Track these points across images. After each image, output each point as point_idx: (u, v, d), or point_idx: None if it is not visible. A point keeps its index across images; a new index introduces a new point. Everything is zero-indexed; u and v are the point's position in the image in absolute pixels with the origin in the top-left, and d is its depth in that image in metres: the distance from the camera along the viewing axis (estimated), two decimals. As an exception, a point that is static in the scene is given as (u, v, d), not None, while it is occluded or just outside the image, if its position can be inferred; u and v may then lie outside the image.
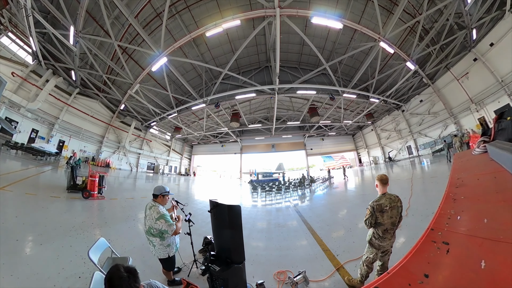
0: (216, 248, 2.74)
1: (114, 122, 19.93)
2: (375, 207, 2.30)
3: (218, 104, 15.13)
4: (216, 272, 2.28)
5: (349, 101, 17.99)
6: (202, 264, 2.93)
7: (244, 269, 2.47)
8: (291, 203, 9.21)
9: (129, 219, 5.66)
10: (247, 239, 4.76)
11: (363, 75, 14.62)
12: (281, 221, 6.18)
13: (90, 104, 17.72)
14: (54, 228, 3.84)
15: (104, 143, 19.46)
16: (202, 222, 6.33)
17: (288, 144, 29.01)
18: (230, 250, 2.44)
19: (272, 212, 7.83)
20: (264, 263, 3.47)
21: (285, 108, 20.44)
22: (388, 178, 2.43)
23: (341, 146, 29.34)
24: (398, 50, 11.97)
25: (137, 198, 8.68)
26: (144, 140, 24.37)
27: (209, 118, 21.02)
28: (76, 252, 3.10)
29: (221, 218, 2.54)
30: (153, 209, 2.44)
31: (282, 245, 4.19)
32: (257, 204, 9.91)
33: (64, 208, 5.23)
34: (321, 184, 14.24)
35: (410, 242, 3.15)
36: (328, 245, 3.81)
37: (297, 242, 4.30)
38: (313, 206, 7.85)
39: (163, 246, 2.48)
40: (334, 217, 5.78)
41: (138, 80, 13.75)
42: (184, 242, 3.58)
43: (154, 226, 2.37)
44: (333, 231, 4.61)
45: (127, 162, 22.49)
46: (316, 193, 11.39)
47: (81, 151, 17.36)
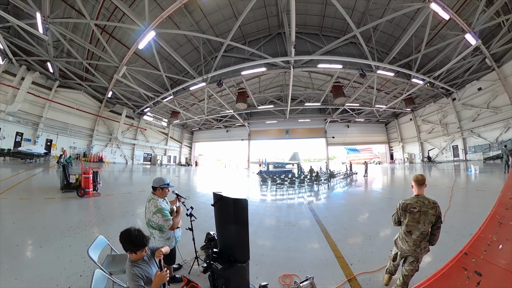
0: (219, 245, 2.99)
1: (102, 112, 20.79)
2: (402, 205, 2.54)
3: (221, 82, 15.03)
4: (218, 270, 2.53)
5: (384, 80, 17.11)
6: (203, 261, 3.25)
7: (247, 269, 2.71)
8: (305, 199, 9.45)
9: (127, 215, 6.23)
10: (253, 237, 5.10)
11: (405, 47, 13.55)
12: (292, 220, 6.44)
13: (73, 96, 18.45)
14: (52, 230, 4.38)
15: (95, 136, 20.58)
16: (204, 217, 6.74)
17: (305, 130, 28.70)
18: (234, 247, 2.67)
19: (283, 208, 8.12)
20: (270, 264, 3.75)
21: (303, 85, 19.86)
22: (425, 179, 2.53)
23: (369, 136, 28.54)
24: (455, 16, 10.55)
25: (134, 193, 9.35)
26: (138, 129, 25.34)
27: (210, 99, 21.12)
28: (75, 252, 3.59)
29: (225, 213, 2.74)
30: (151, 202, 2.71)
31: (291, 246, 4.44)
32: (266, 199, 10.24)
33: (60, 209, 5.84)
34: (342, 180, 14.27)
35: (436, 263, 3.18)
36: (342, 252, 3.97)
37: (308, 245, 4.52)
38: (330, 205, 7.98)
39: (162, 239, 2.78)
40: (353, 220, 5.89)
41: (124, 61, 13.73)
42: (185, 238, 3.93)
43: (152, 219, 2.67)
44: (349, 236, 4.74)
45: (121, 155, 23.78)
46: (335, 190, 11.52)
47: (70, 148, 18.62)
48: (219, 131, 32.46)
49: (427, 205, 2.41)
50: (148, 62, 15.85)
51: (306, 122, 27.83)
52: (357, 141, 28.85)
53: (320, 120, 27.62)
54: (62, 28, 11.68)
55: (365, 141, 28.97)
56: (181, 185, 13.54)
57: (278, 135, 29.69)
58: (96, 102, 20.17)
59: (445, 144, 20.09)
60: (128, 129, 24.05)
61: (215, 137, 33.54)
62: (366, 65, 14.07)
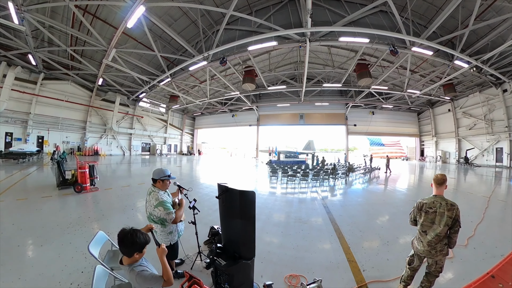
0: (223, 240, 3.18)
1: (94, 102, 21.30)
2: (418, 204, 2.78)
3: (225, 60, 14.78)
4: (222, 266, 2.73)
5: (420, 59, 16.36)
6: (206, 256, 3.49)
7: (252, 267, 2.91)
8: (319, 194, 9.63)
9: (127, 209, 6.73)
10: (259, 233, 5.45)
11: (448, 21, 12.56)
12: (303, 216, 6.65)
13: (61, 87, 18.92)
14: (51, 228, 4.84)
15: (88, 128, 21.31)
16: (208, 210, 7.09)
17: (322, 116, 28.32)
18: (239, 243, 2.84)
19: (294, 203, 8.34)
20: (276, 262, 3.97)
21: (321, 63, 19.28)
22: (446, 180, 2.67)
23: (398, 126, 27.73)
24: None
25: (133, 186, 10.00)
26: (134, 117, 25.91)
27: (213, 80, 21.05)
28: (76, 249, 4.02)
29: (231, 206, 2.88)
30: (152, 195, 2.89)
31: (300, 245, 4.65)
32: (275, 192, 10.52)
33: (58, 207, 6.37)
34: (362, 176, 14.27)
35: (459, 281, 3.25)
36: (356, 256, 4.11)
37: (319, 244, 4.70)
38: (347, 203, 8.11)
39: (164, 233, 3.00)
40: (370, 222, 5.99)
41: (112, 44, 13.62)
42: (188, 232, 4.20)
43: (153, 213, 2.86)
44: (365, 239, 4.87)
45: (117, 146, 24.66)
46: (353, 186, 11.62)
47: (63, 143, 19.54)
48: (224, 116, 32.63)
49: (444, 206, 2.55)
50: (140, 42, 15.72)
51: (324, 106, 27.36)
52: (382, 131, 28.09)
53: (340, 105, 27.06)
54: (39, 15, 11.68)
55: (392, 132, 28.16)
56: (183, 176, 14.04)
57: (291, 120, 29.48)
58: (86, 91, 20.70)
59: (488, 144, 19.21)
60: (123, 118, 24.70)
61: (220, 123, 33.80)
62: (398, 40, 13.29)
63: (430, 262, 2.74)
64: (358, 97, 23.70)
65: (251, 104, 27.37)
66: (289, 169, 15.26)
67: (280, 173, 14.12)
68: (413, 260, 2.89)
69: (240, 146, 37.80)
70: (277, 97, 26.88)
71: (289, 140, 36.62)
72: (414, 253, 2.87)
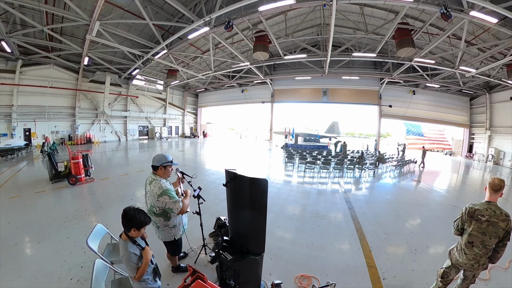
0: (230, 233, 3.36)
1: (81, 85, 21.47)
2: (469, 209, 2.68)
3: (230, 24, 14.15)
4: (228, 261, 2.91)
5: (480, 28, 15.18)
6: (212, 250, 3.71)
7: (261, 263, 3.07)
8: (341, 187, 9.73)
9: (125, 199, 7.20)
10: (271, 226, 5.65)
11: None
12: (321, 210, 6.81)
13: (43, 73, 19.06)
14: (48, 224, 5.28)
15: (77, 114, 21.68)
16: (215, 199, 7.40)
17: (350, 92, 27.43)
18: (247, 237, 2.99)
19: (312, 194, 8.52)
20: (287, 260, 4.16)
21: (351, 26, 18.22)
22: (503, 186, 2.59)
23: (444, 111, 26.20)
24: None
25: (132, 174, 10.53)
26: (128, 98, 26.14)
27: (218, 50, 20.62)
28: (74, 243, 4.43)
29: (240, 195, 2.99)
30: (153, 183, 2.92)
31: (316, 243, 4.82)
32: (291, 180, 10.75)
33: (53, 201, 6.86)
34: (394, 169, 14.03)
35: None
36: (377, 261, 4.21)
37: (336, 244, 4.85)
38: (373, 199, 8.17)
39: (168, 227, 3.14)
40: (398, 224, 6.04)
41: (95, 16, 13.08)
42: (192, 223, 4.44)
43: (156, 204, 2.89)
44: (390, 243, 4.94)
45: (112, 131, 25.24)
46: (383, 180, 11.56)
47: (52, 133, 20.13)
48: (232, 91, 32.27)
49: (499, 215, 2.49)
50: (127, 11, 15.18)
51: (353, 80, 26.34)
52: (424, 116, 26.80)
53: (373, 80, 26.00)
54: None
55: (436, 119, 26.73)
56: (187, 162, 14.53)
57: (313, 96, 28.77)
58: (71, 74, 20.87)
59: None
60: (116, 99, 25.02)
61: (227, 100, 33.50)
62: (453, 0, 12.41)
63: (467, 275, 2.79)
64: (396, 71, 22.59)
65: (264, 77, 26.81)
66: (308, 155, 15.31)
67: (297, 159, 14.23)
68: (448, 273, 2.91)
69: (251, 126, 37.79)
70: (296, 68, 26.11)
71: (309, 121, 36.19)
72: (451, 265, 2.87)
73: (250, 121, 37.63)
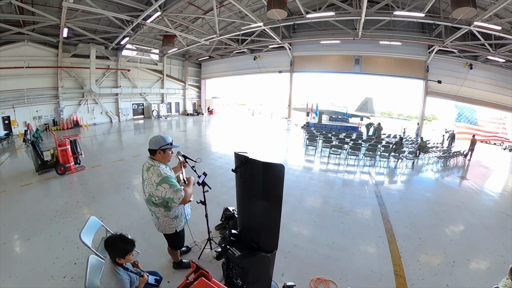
0: (239, 226, 3.49)
1: (63, 61, 21.38)
2: None
3: None
4: (236, 257, 3.04)
5: None
6: (218, 245, 3.89)
7: (272, 261, 3.21)
8: (372, 178, 9.76)
9: (121, 188, 7.54)
10: (286, 220, 5.83)
11: None
12: (346, 204, 6.92)
13: (17, 51, 18.99)
14: (37, 219, 5.62)
15: (61, 95, 21.86)
16: (222, 187, 7.62)
17: (389, 62, 26.57)
18: (259, 231, 3.10)
19: (336, 185, 8.63)
20: (303, 260, 4.33)
21: None
22: None
23: (509, 95, 25.13)
24: None
25: (127, 159, 10.90)
26: (119, 72, 26.05)
27: (224, 8, 20.07)
28: (66, 238, 4.77)
29: (251, 183, 3.05)
30: (152, 170, 3.00)
31: (337, 242, 4.96)
32: (312, 167, 10.91)
33: (41, 194, 7.22)
34: (438, 161, 13.72)
35: None
36: (406, 270, 4.28)
37: (361, 245, 4.97)
38: (408, 196, 8.16)
39: (168, 218, 3.28)
40: (436, 229, 6.02)
41: None
42: (196, 213, 4.60)
43: (155, 193, 2.98)
44: (424, 251, 4.98)
45: (102, 112, 25.46)
46: (423, 173, 11.43)
47: (35, 119, 20.42)
48: (242, 59, 31.67)
49: None
50: None
51: (394, 47, 25.37)
52: (481, 98, 25.55)
53: (419, 47, 24.98)
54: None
55: (497, 103, 25.44)
56: (189, 144, 14.82)
57: (342, 65, 27.98)
58: (50, 50, 20.80)
59: None
60: (104, 74, 25.05)
61: (236, 69, 32.93)
62: None
63: None
64: (449, 37, 21.57)
65: (281, 41, 26.10)
66: (334, 137, 15.25)
67: (320, 141, 14.27)
68: None
69: (266, 101, 37.39)
70: (321, 30, 25.25)
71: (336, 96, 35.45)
72: None
73: (264, 95, 37.23)
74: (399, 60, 26.14)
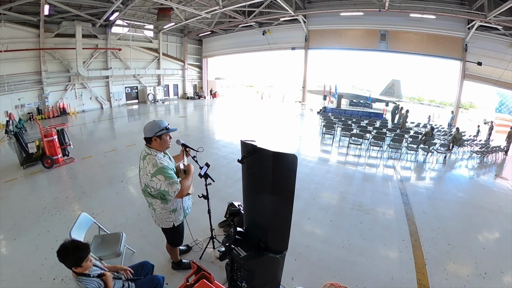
0: (245, 223, 3.54)
1: (45, 42, 21.30)
2: None
3: None
4: (241, 258, 3.09)
5: None
6: (221, 244, 3.95)
7: (282, 263, 3.26)
8: (397, 173, 9.76)
9: (114, 181, 7.73)
10: (298, 217, 5.91)
11: None
12: (366, 202, 6.97)
13: None
14: (23, 217, 5.79)
15: (45, 80, 21.87)
16: (227, 179, 7.74)
17: (421, 38, 26.04)
18: (267, 229, 3.13)
19: (355, 179, 8.68)
20: (316, 263, 4.41)
21: None
22: None
23: None
24: None
25: (120, 149, 11.12)
26: (109, 52, 25.94)
27: None
28: (56, 237, 4.90)
29: (259, 175, 3.06)
30: (147, 159, 3.07)
31: (354, 244, 5.02)
32: (328, 158, 10.97)
33: (27, 190, 7.40)
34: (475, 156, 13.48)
35: None
36: (431, 280, 4.29)
37: (382, 249, 5.02)
38: (438, 195, 8.09)
39: (166, 211, 3.36)
40: (468, 235, 5.96)
41: None
42: (198, 209, 4.70)
43: (150, 184, 3.06)
44: (452, 259, 4.96)
45: (91, 97, 25.50)
46: (456, 169, 11.35)
47: (17, 108, 20.46)
48: (249, 33, 31.24)
49: None
50: None
51: (427, 21, 24.82)
52: None
53: (456, 22, 24.41)
54: None
55: None
56: (190, 131, 14.92)
57: (365, 42, 27.49)
58: (30, 30, 20.67)
59: None
60: (92, 55, 24.98)
61: (242, 45, 32.54)
62: None
63: None
64: (494, 11, 21.08)
65: (294, 12, 25.69)
66: (354, 124, 15.18)
67: (338, 129, 14.27)
68: None
69: (277, 83, 37.18)
70: (341, 0, 24.98)
71: (358, 78, 35.08)
72: None
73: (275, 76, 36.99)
74: (433, 36, 25.58)
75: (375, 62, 65.10)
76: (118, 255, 3.67)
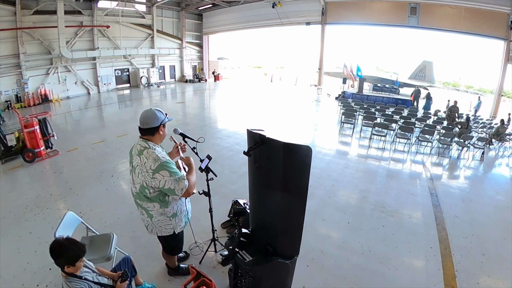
0: (251, 224, 3.59)
1: (23, 20, 21.14)
2: None
3: None
4: (246, 263, 3.12)
5: None
6: (224, 247, 3.99)
7: (292, 270, 3.31)
8: (427, 169, 9.72)
9: (104, 176, 7.83)
10: (311, 218, 5.91)
11: None
12: (389, 202, 6.97)
13: None
14: (2, 217, 5.85)
15: (24, 64, 21.76)
16: (231, 174, 7.83)
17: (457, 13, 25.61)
18: (276, 231, 3.14)
19: (378, 176, 8.71)
20: (330, 270, 4.44)
21: None
22: None
23: None
24: None
25: (110, 140, 11.16)
26: (95, 29, 25.74)
27: None
28: (39, 239, 4.97)
29: (268, 169, 3.05)
30: (146, 154, 2.89)
31: (375, 251, 5.04)
32: (347, 151, 11.05)
33: (7, 187, 7.42)
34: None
35: None
36: None
37: (406, 257, 5.02)
38: (473, 197, 8.00)
39: (165, 216, 3.26)
40: (506, 245, 5.81)
41: None
42: (198, 207, 4.72)
43: (151, 183, 2.87)
44: (487, 271, 4.89)
45: (76, 82, 25.41)
46: (495, 168, 11.21)
47: None
48: (257, 6, 30.77)
49: None
50: None
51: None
52: None
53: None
54: None
55: None
56: (189, 119, 15.10)
57: (392, 16, 27.09)
58: (5, 7, 20.32)
59: None
60: (76, 34, 24.85)
61: (249, 20, 32.15)
62: None
63: None
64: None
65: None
66: (378, 112, 15.10)
67: (360, 118, 14.26)
68: None
69: (289, 64, 36.99)
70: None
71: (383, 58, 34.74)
72: None
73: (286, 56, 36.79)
74: (472, 11, 25.10)
75: (403, 40, 64.17)
76: (108, 259, 3.61)
